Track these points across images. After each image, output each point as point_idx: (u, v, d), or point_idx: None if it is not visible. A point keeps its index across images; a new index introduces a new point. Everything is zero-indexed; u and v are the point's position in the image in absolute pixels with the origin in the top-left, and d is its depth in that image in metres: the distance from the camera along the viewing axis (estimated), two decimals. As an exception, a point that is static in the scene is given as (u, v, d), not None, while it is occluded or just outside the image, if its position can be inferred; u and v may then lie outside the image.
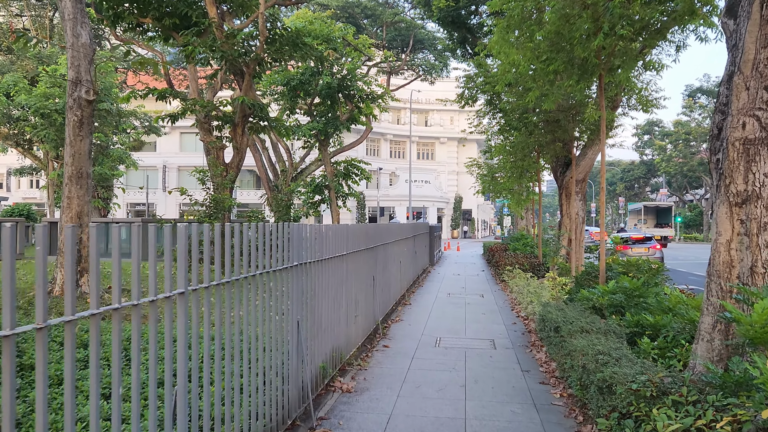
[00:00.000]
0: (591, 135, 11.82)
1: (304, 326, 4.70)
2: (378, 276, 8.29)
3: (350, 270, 6.45)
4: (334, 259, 5.69)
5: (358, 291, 6.86)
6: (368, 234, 7.52)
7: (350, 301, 6.41)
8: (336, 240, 5.77)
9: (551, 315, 6.74)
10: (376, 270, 8.11)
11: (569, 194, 13.99)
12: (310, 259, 4.84)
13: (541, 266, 15.35)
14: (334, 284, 5.75)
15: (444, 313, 9.88)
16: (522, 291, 11.45)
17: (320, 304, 5.17)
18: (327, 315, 5.40)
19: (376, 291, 8.02)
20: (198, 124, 15.58)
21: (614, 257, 9.48)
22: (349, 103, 23.86)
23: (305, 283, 4.72)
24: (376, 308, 8.02)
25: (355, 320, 6.64)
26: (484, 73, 15.24)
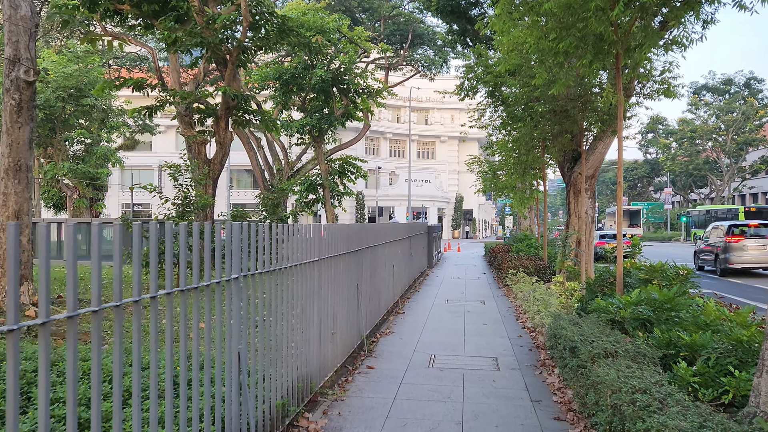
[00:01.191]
0: (602, 126, 10.75)
1: (255, 356, 3.65)
2: (364, 284, 7.24)
3: (326, 278, 5.39)
4: (302, 266, 4.64)
5: (336, 303, 5.81)
6: (351, 235, 6.47)
7: (325, 315, 5.36)
8: (304, 243, 4.72)
9: (565, 332, 5.68)
10: (361, 277, 7.06)
11: (578, 191, 12.93)
12: (261, 268, 3.79)
13: (547, 269, 14.30)
14: (303, 296, 4.71)
15: (441, 324, 8.83)
16: (527, 298, 10.39)
17: (280, 323, 4.12)
18: (290, 336, 4.35)
19: (361, 301, 6.97)
20: (178, 117, 14.54)
21: (632, 261, 8.41)
22: (344, 98, 22.82)
23: (253, 299, 3.67)
24: (361, 321, 6.96)
25: (332, 338, 5.58)
26: (484, 62, 14.19)
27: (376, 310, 8.26)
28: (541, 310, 8.64)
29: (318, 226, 5.15)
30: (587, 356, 4.84)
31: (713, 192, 65.43)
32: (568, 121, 11.14)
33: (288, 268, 4.27)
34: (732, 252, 17.83)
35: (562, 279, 11.89)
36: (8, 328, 1.73)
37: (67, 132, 23.14)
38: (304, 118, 22.57)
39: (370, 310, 7.69)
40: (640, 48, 7.31)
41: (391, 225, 10.02)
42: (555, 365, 6.26)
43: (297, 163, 32.34)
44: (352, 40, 23.58)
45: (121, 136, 39.10)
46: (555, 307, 8.64)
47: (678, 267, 7.23)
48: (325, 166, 23.41)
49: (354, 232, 6.66)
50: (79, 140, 23.74)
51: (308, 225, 4.83)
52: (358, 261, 6.85)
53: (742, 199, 70.91)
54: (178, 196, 10.66)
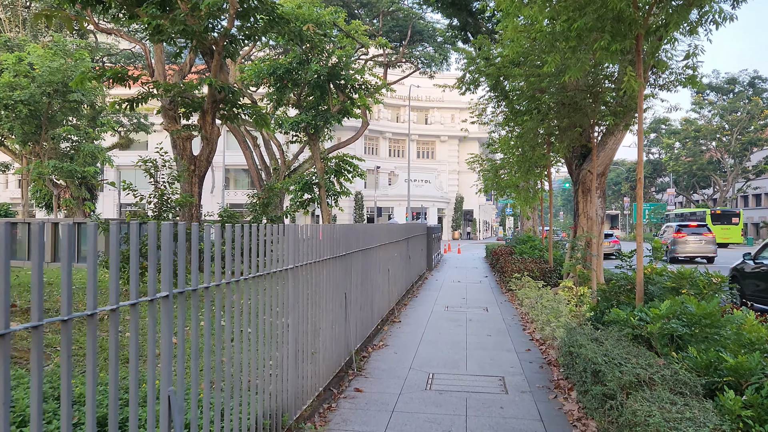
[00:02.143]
0: (615, 119, 9.93)
1: (206, 387, 2.84)
2: (354, 292, 6.42)
3: (303, 289, 4.58)
4: (268, 277, 3.83)
5: (319, 316, 5.00)
6: (337, 237, 5.65)
7: (303, 333, 4.54)
8: (275, 247, 3.91)
9: (585, 350, 4.87)
10: (350, 284, 6.24)
11: (587, 190, 12.11)
12: (208, 282, 2.98)
13: (553, 273, 13.48)
14: (272, 312, 3.89)
15: (440, 335, 8.00)
16: (534, 305, 9.57)
17: (238, 348, 3.31)
18: (255, 362, 3.54)
19: (350, 312, 6.15)
20: (162, 112, 13.74)
21: (652, 265, 7.58)
22: (340, 94, 22.00)
23: (197, 322, 2.85)
24: (349, 334, 6.14)
25: (312, 358, 4.77)
26: (486, 53, 13.37)
27: (369, 321, 7.44)
28: (551, 320, 7.83)
29: (293, 227, 4.33)
30: (616, 384, 4.02)
31: (716, 193, 64.61)
32: (577, 114, 10.32)
33: (248, 280, 3.45)
34: (678, 245, 23.59)
35: (571, 284, 11.08)
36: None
37: (53, 129, 22.32)
38: (299, 115, 21.76)
39: (361, 321, 6.87)
40: (665, 27, 6.49)
41: (386, 226, 9.22)
42: (572, 387, 5.44)
43: (294, 162, 31.56)
44: (348, 35, 22.79)
45: (115, 135, 38.34)
46: (566, 317, 7.83)
47: (710, 274, 6.40)
48: (321, 165, 22.60)
49: (341, 234, 5.84)
50: (66, 137, 22.90)
51: (269, 225, 4.02)
52: (346, 267, 6.03)
53: (745, 200, 70.11)
54: (155, 194, 9.82)
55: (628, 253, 7.77)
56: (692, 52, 7.23)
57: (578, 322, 7.76)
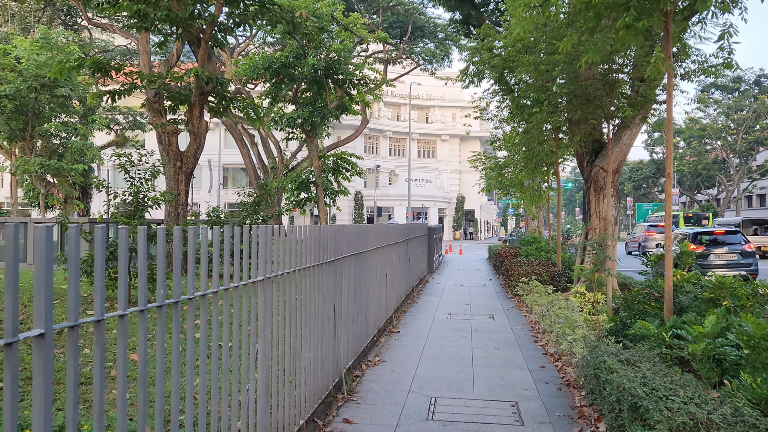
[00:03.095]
0: (634, 110, 9.10)
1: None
2: (345, 303, 5.62)
3: (278, 305, 3.78)
4: (230, 292, 3.03)
5: (298, 336, 4.20)
6: (324, 241, 4.85)
7: (277, 359, 3.74)
8: (253, 254, 3.11)
9: (618, 378, 4.06)
10: (340, 294, 5.44)
11: (600, 188, 11.32)
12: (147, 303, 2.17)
13: (562, 277, 12.69)
14: (235, 337, 3.10)
15: (442, 348, 7.20)
16: (546, 313, 8.77)
17: (187, 383, 2.51)
18: (208, 392, 2.73)
19: (339, 326, 5.35)
20: (146, 105, 12.93)
21: (680, 272, 6.77)
22: (338, 89, 21.20)
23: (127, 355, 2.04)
24: (339, 352, 5.34)
25: (289, 388, 3.96)
26: (491, 43, 12.57)
27: (363, 333, 6.64)
28: (567, 332, 7.02)
29: (265, 229, 3.53)
30: (666, 427, 3.22)
31: (721, 193, 63.73)
32: (590, 106, 9.51)
33: (194, 300, 2.65)
34: (648, 242, 26.94)
35: (584, 290, 10.27)
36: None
37: (41, 125, 21.53)
38: (295, 111, 20.96)
39: (353, 335, 6.07)
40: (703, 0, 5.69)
41: (383, 227, 8.42)
42: (600, 418, 4.64)
43: (292, 161, 30.81)
44: (347, 28, 21.98)
45: (110, 133, 37.55)
46: (583, 328, 7.02)
47: (756, 284, 5.58)
48: (318, 163, 21.80)
49: (329, 236, 5.04)
50: (54, 134, 22.11)
51: (235, 228, 3.22)
52: (335, 274, 5.22)
53: (749, 200, 69.23)
54: (130, 192, 9.01)
55: (653, 257, 6.98)
56: (727, 31, 6.42)
57: (596, 335, 6.96)
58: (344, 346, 5.61)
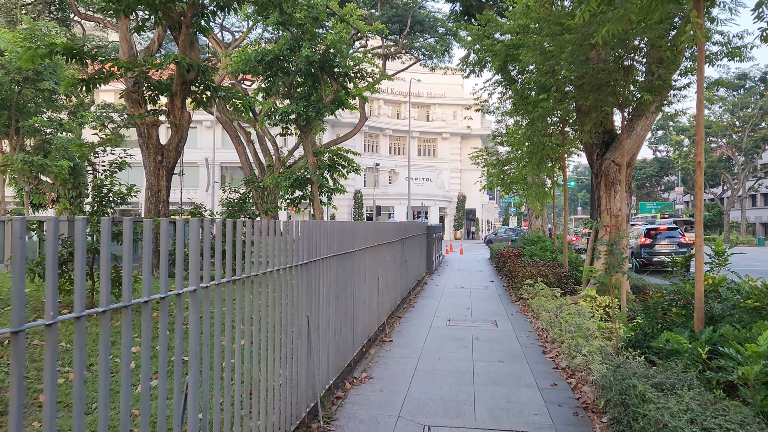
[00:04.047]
0: (652, 96, 8.26)
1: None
2: (322, 313, 4.79)
3: (220, 321, 2.95)
4: (160, 303, 2.21)
5: (257, 357, 3.38)
6: (295, 239, 4.03)
7: (223, 393, 2.91)
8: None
9: (654, 411, 3.24)
10: (317, 302, 4.61)
11: (611, 183, 10.47)
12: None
13: (569, 278, 11.86)
14: (171, 361, 2.26)
15: (440, 362, 6.37)
16: (554, 320, 7.95)
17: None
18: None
19: (315, 341, 4.52)
20: (125, 95, 12.13)
21: (710, 275, 5.93)
22: (334, 82, 20.37)
23: None
24: (314, 372, 4.51)
25: (241, 421, 3.14)
26: (494, 28, 11.75)
27: (347, 346, 5.81)
28: (580, 343, 6.19)
29: (196, 222, 2.71)
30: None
31: (726, 191, 62.81)
32: (603, 92, 8.68)
33: (120, 309, 1.82)
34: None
35: (594, 293, 9.45)
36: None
37: (25, 120, 20.71)
38: (289, 105, 20.13)
39: (335, 349, 5.25)
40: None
41: (374, 224, 7.59)
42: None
43: (289, 158, 30.03)
44: (343, 19, 21.16)
45: (103, 131, 36.71)
46: (599, 339, 6.19)
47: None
48: (313, 160, 20.98)
49: (302, 234, 4.22)
50: (39, 129, 21.30)
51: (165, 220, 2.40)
52: (309, 279, 4.40)
53: (753, 199, 68.30)
54: (93, 186, 8.18)
55: (681, 258, 6.16)
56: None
57: (614, 346, 6.14)
58: (323, 363, 4.79)
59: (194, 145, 56.04)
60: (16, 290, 1.68)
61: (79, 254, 1.96)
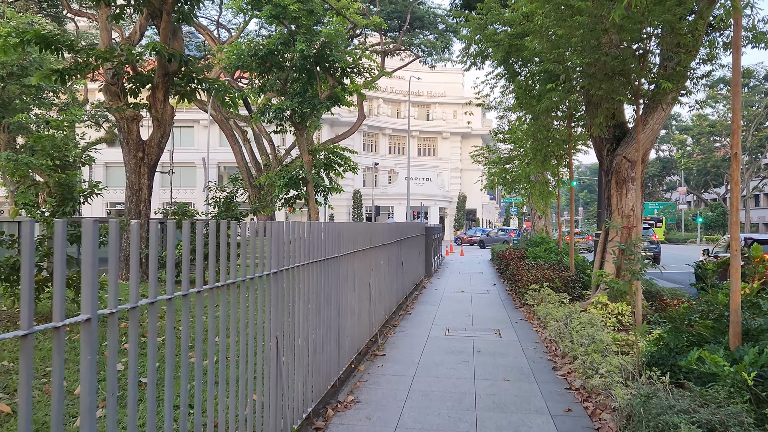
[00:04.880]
0: (671, 83, 7.53)
1: None
2: (299, 330, 4.08)
3: (155, 343, 2.24)
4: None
5: (207, 389, 2.66)
6: (257, 243, 3.31)
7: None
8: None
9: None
10: (290, 321, 3.90)
11: (622, 181, 9.77)
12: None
13: (576, 282, 11.15)
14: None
15: (437, 380, 5.65)
16: (563, 330, 7.23)
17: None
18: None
19: (287, 365, 3.81)
20: (103, 88, 11.42)
21: (746, 285, 5.21)
22: (330, 78, 19.66)
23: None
24: (288, 400, 3.80)
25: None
26: (496, 16, 11.05)
27: (331, 365, 5.09)
28: (596, 360, 5.48)
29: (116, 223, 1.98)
30: None
31: (729, 191, 62.12)
32: (616, 81, 7.96)
33: None
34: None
35: (606, 299, 8.73)
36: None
37: (9, 117, 20.01)
38: (283, 101, 19.42)
39: (316, 370, 4.53)
40: None
41: (365, 225, 6.88)
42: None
43: (286, 157, 29.36)
44: (339, 12, 20.45)
45: (99, 130, 36.06)
46: (618, 358, 5.47)
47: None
48: (308, 158, 20.27)
49: (272, 237, 3.50)
50: (23, 126, 20.60)
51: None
52: (278, 292, 3.68)
53: (756, 199, 67.51)
54: (56, 182, 7.47)
55: (712, 264, 5.45)
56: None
57: (634, 363, 5.42)
58: (299, 389, 4.07)
59: (191, 145, 55.39)
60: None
61: (26, 264, 1.64)
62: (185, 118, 55.35)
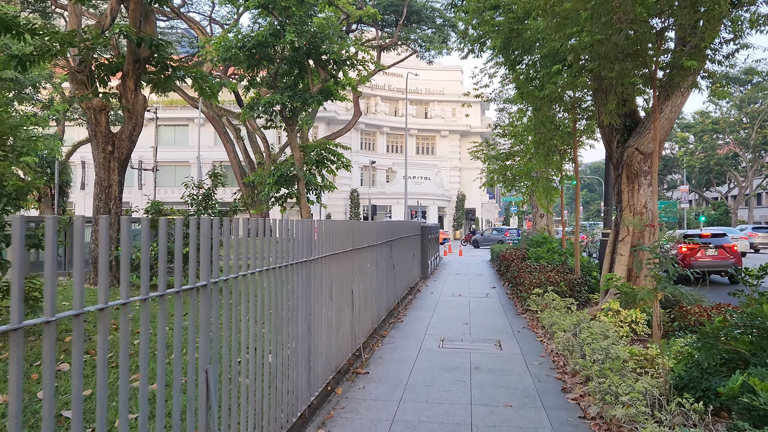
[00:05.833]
0: (697, 62, 6.67)
1: None
2: (243, 360, 3.22)
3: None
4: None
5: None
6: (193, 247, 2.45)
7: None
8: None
9: None
10: (232, 346, 3.03)
11: (633, 175, 8.91)
12: None
13: (582, 286, 10.30)
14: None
15: (427, 407, 4.79)
16: (572, 343, 6.37)
17: None
18: None
19: (214, 415, 2.94)
20: (69, 75, 10.55)
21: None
22: (321, 70, 18.80)
23: None
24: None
25: None
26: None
27: (299, 393, 4.23)
28: (614, 382, 4.62)
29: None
30: None
31: (732, 189, 61.22)
32: (630, 62, 7.11)
33: None
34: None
35: (617, 306, 7.88)
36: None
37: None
38: (273, 95, 18.56)
39: (274, 402, 3.66)
40: None
41: (347, 224, 6.02)
42: None
43: (280, 155, 28.53)
44: (331, 2, 19.60)
45: (82, 125, 35.15)
46: (643, 381, 4.60)
47: None
48: (299, 154, 19.43)
49: (202, 235, 2.64)
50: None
51: None
52: (206, 313, 2.82)
53: (758, 198, 66.63)
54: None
55: (755, 271, 4.60)
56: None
57: (663, 387, 4.57)
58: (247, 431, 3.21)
59: (186, 144, 54.59)
60: None
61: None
62: (180, 117, 54.50)
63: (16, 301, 1.62)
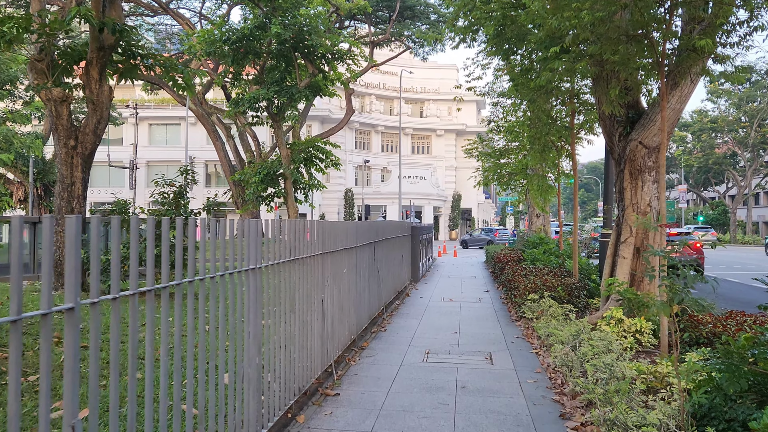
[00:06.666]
0: (712, 43, 5.97)
1: None
2: (154, 397, 2.49)
3: None
4: None
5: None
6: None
7: None
8: None
9: None
10: (144, 377, 2.31)
11: (637, 171, 8.21)
12: None
13: (581, 290, 9.60)
14: None
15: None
16: (571, 357, 5.66)
17: None
18: None
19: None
20: (29, 64, 9.80)
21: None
22: (309, 65, 18.09)
23: None
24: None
25: None
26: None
27: (248, 427, 3.50)
28: (621, 413, 3.90)
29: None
30: None
31: (730, 189, 60.71)
32: (635, 45, 6.40)
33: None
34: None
35: (621, 314, 7.17)
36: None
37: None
38: (258, 90, 17.84)
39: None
40: None
41: (318, 224, 5.30)
42: None
43: (271, 154, 27.81)
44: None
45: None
46: (657, 412, 3.89)
47: None
48: (286, 152, 18.71)
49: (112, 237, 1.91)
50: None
51: None
52: (96, 339, 2.09)
53: (756, 198, 66.13)
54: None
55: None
56: None
57: (680, 417, 3.86)
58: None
59: (177, 143, 53.74)
60: None
61: None
62: (171, 115, 53.69)
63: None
